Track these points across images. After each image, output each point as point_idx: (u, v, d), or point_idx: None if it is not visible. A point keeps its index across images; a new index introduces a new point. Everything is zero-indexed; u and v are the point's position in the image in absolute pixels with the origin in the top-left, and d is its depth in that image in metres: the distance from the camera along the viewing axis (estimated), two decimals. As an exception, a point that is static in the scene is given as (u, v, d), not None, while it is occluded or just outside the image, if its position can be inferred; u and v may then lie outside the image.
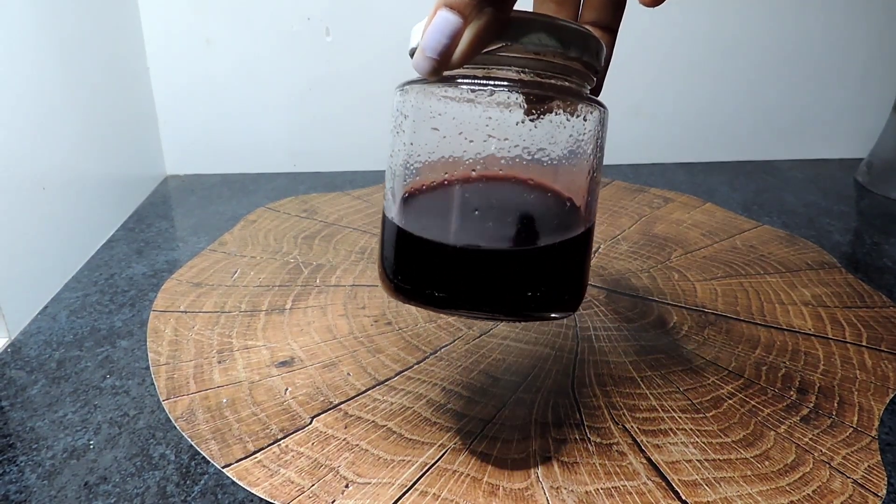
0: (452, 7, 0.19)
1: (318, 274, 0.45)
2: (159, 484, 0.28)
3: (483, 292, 0.24)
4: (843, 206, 0.59)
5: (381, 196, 0.59)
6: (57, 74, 0.46)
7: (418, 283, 0.24)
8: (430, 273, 0.24)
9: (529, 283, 0.24)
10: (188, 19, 0.62)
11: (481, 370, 0.34)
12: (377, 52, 0.64)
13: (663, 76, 0.68)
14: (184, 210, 0.58)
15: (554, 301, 0.25)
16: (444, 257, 0.24)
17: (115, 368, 0.35)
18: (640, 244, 0.49)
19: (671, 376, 0.34)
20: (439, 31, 0.20)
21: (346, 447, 0.29)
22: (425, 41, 0.20)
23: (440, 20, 0.20)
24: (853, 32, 0.68)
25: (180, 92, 0.65)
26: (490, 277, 0.24)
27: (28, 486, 0.27)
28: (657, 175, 0.67)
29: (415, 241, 0.24)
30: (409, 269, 0.25)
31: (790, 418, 0.31)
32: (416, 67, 0.21)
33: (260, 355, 0.36)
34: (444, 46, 0.20)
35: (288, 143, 0.68)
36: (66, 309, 0.41)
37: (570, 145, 0.23)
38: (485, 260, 0.24)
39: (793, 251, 0.48)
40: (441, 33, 0.20)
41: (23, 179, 0.41)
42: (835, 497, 0.26)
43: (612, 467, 0.28)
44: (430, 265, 0.24)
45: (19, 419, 0.31)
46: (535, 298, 0.24)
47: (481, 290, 0.24)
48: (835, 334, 0.38)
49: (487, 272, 0.24)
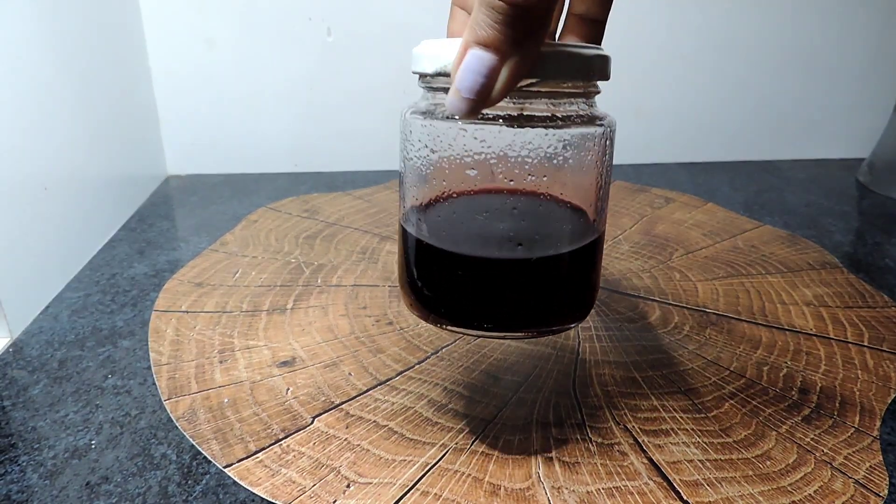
0: (487, 45, 0.19)
1: (320, 274, 0.45)
2: (161, 484, 0.28)
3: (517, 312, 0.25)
4: (845, 206, 0.59)
5: (381, 196, 0.59)
6: (58, 75, 0.46)
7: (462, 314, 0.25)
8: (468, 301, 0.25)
9: (551, 299, 0.25)
10: (189, 20, 0.62)
11: (483, 370, 0.34)
12: (378, 53, 0.64)
13: (664, 76, 0.68)
14: (185, 210, 0.58)
15: (572, 313, 0.26)
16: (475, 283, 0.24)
17: (116, 368, 0.35)
18: (641, 244, 0.49)
19: (672, 376, 0.34)
20: (474, 70, 0.19)
21: (348, 447, 0.29)
22: (460, 81, 0.19)
23: (474, 59, 0.19)
24: (854, 32, 0.68)
25: (182, 92, 0.65)
26: (521, 296, 0.25)
27: (30, 486, 0.27)
28: (658, 175, 0.67)
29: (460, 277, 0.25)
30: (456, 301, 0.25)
31: (792, 418, 0.31)
32: (451, 109, 0.20)
33: (261, 355, 0.36)
34: (482, 86, 0.19)
35: (289, 143, 0.68)
36: (67, 309, 0.41)
37: (583, 159, 0.24)
38: (516, 279, 0.24)
39: (794, 251, 0.48)
40: (477, 73, 0.19)
41: (24, 179, 0.41)
42: (836, 497, 0.26)
43: (614, 467, 0.28)
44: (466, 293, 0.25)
45: (21, 419, 0.31)
46: (556, 312, 0.25)
47: (516, 309, 0.25)
48: (836, 334, 0.38)
49: (519, 292, 0.25)
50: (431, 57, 0.22)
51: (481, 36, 0.19)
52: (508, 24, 0.18)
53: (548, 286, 0.25)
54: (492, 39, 0.19)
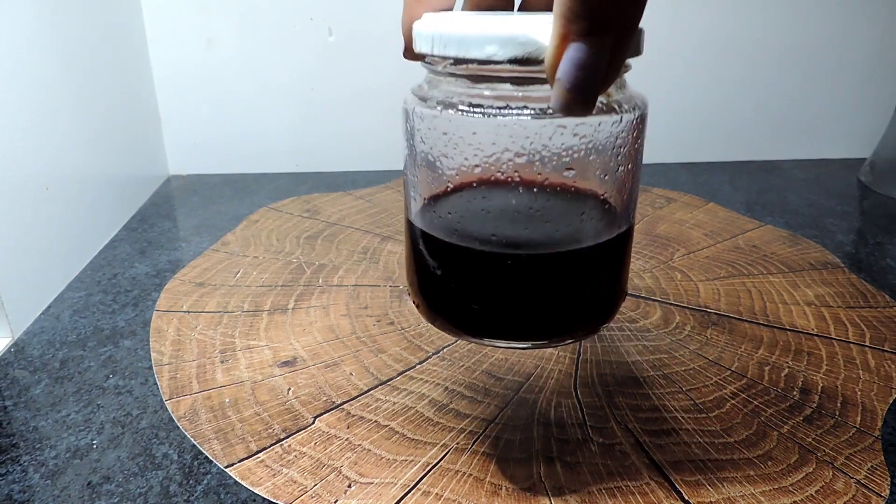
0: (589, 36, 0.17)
1: (321, 274, 0.45)
2: (162, 483, 0.28)
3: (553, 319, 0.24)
4: (846, 205, 0.59)
5: (383, 196, 0.59)
6: (60, 75, 0.46)
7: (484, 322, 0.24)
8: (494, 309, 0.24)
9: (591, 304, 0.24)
10: (191, 19, 0.62)
11: (484, 370, 0.34)
12: (380, 53, 0.64)
13: (665, 76, 0.68)
14: (186, 210, 0.58)
15: (603, 314, 0.26)
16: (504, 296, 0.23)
17: (118, 368, 0.35)
18: (642, 244, 0.49)
19: (674, 376, 0.34)
20: (580, 65, 0.17)
21: (349, 447, 0.29)
22: (567, 79, 0.17)
23: (579, 52, 0.17)
24: (856, 32, 0.68)
25: (183, 92, 0.65)
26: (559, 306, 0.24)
27: (31, 486, 0.27)
28: (659, 175, 0.67)
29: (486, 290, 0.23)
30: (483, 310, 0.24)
31: (793, 418, 0.31)
32: (561, 108, 0.18)
33: (262, 355, 0.36)
34: (593, 79, 0.18)
35: (290, 143, 0.68)
36: (69, 309, 0.41)
37: (615, 146, 0.23)
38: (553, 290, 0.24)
39: (795, 251, 0.48)
40: (584, 68, 0.17)
41: (26, 179, 0.41)
42: (838, 497, 0.26)
43: (615, 467, 0.28)
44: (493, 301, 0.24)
45: (22, 419, 0.32)
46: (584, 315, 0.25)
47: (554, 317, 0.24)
48: (838, 334, 0.38)
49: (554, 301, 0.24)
50: (420, 33, 0.21)
51: (581, 26, 0.17)
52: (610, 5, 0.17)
53: (576, 286, 0.23)
54: (594, 25, 0.17)
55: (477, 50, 0.20)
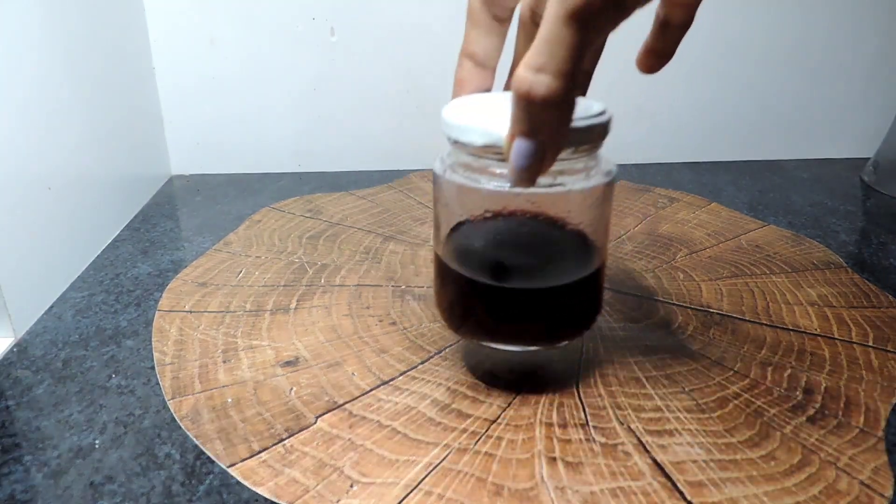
0: (527, 135, 0.23)
1: (323, 274, 0.45)
2: (164, 483, 0.28)
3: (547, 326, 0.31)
4: (850, 205, 0.59)
5: (385, 196, 0.59)
6: (62, 74, 0.46)
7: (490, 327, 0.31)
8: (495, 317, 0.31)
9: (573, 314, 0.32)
10: (193, 20, 0.62)
11: (486, 370, 0.34)
12: (382, 52, 0.64)
13: (668, 76, 0.68)
14: (189, 210, 0.58)
15: (585, 324, 0.33)
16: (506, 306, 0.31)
17: (120, 368, 0.35)
18: (644, 244, 0.49)
19: (676, 376, 0.34)
20: (523, 154, 0.24)
21: (351, 447, 0.29)
22: (515, 164, 0.24)
23: (525, 148, 0.23)
24: (859, 31, 0.68)
25: (185, 92, 0.65)
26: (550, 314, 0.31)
27: (34, 486, 0.28)
28: (662, 175, 0.67)
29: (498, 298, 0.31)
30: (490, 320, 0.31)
31: (796, 419, 0.31)
32: (512, 183, 0.25)
33: (265, 355, 0.36)
34: (531, 166, 0.24)
35: (293, 143, 0.68)
36: (71, 309, 0.42)
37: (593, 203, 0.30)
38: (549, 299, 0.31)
39: (798, 251, 0.48)
40: (525, 156, 0.24)
41: (28, 179, 0.41)
42: (841, 498, 0.26)
43: (618, 467, 0.28)
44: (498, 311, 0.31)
45: (25, 419, 0.32)
46: (573, 325, 0.32)
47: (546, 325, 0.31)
48: (841, 334, 0.37)
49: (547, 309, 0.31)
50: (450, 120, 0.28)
51: (521, 129, 0.23)
52: (540, 115, 0.23)
53: (568, 305, 0.31)
54: (529, 129, 0.23)
55: (463, 136, 0.27)
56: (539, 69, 0.22)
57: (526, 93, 0.22)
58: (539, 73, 0.22)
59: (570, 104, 0.23)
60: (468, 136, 0.27)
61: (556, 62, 0.22)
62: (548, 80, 0.22)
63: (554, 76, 0.22)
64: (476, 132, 0.27)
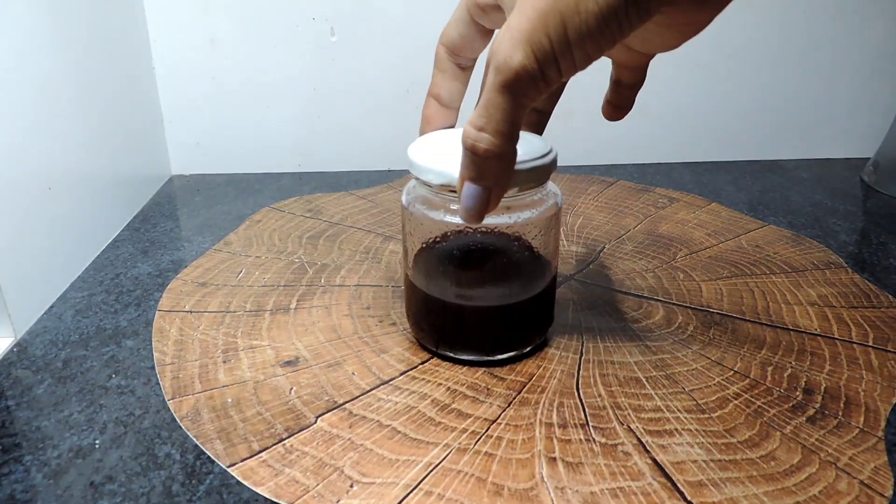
0: (474, 180, 0.27)
1: (323, 274, 0.45)
2: (165, 483, 0.28)
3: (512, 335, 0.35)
4: (850, 205, 0.59)
5: (385, 196, 0.59)
6: (62, 74, 0.46)
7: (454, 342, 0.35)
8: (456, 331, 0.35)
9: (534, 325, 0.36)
10: (193, 19, 0.62)
11: (486, 370, 0.34)
12: (382, 53, 0.64)
13: (668, 76, 0.68)
14: (189, 210, 0.58)
15: (540, 331, 0.36)
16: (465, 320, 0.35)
17: (120, 368, 0.35)
18: (644, 244, 0.49)
19: (676, 376, 0.34)
20: (471, 196, 0.27)
21: (351, 447, 0.29)
22: (465, 205, 0.27)
23: (469, 189, 0.27)
24: (860, 31, 0.68)
25: (186, 92, 0.65)
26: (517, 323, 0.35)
27: (34, 486, 0.28)
28: (662, 175, 0.67)
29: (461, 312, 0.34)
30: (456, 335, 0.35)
31: (796, 419, 0.31)
32: (463, 219, 0.28)
33: (265, 355, 0.36)
34: (479, 207, 0.27)
35: (293, 143, 0.68)
36: (71, 308, 0.42)
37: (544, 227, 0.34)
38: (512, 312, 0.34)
39: (798, 251, 0.48)
40: (473, 199, 0.27)
41: (28, 179, 0.41)
42: (841, 498, 0.26)
43: (618, 468, 0.28)
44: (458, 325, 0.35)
45: (25, 418, 0.32)
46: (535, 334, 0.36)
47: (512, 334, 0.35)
48: (841, 334, 0.37)
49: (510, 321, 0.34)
50: (415, 157, 0.31)
51: (468, 175, 0.27)
52: (484, 165, 0.26)
53: (533, 315, 0.35)
54: (476, 176, 0.26)
55: (423, 175, 0.31)
56: (480, 129, 0.25)
57: (471, 146, 0.26)
58: (481, 131, 0.25)
59: (509, 156, 0.26)
60: (427, 176, 0.31)
61: (493, 123, 0.25)
62: (488, 137, 0.25)
63: (493, 135, 0.25)
64: (434, 173, 0.30)
